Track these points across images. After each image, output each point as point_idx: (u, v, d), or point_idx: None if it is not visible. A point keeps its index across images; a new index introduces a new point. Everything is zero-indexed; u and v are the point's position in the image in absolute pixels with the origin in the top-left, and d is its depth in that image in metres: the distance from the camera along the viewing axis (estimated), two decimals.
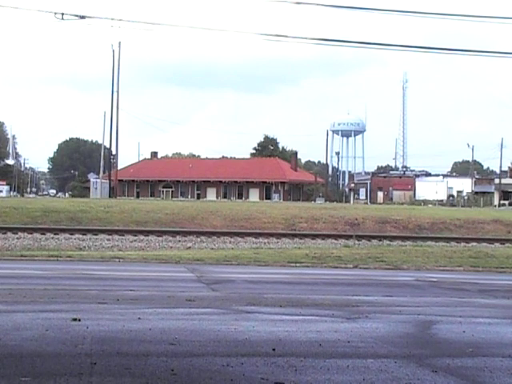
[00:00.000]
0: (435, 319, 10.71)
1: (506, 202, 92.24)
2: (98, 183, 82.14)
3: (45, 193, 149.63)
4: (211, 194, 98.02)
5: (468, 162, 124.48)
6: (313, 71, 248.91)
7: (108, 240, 30.10)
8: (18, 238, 29.63)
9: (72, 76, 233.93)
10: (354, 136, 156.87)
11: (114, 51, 75.49)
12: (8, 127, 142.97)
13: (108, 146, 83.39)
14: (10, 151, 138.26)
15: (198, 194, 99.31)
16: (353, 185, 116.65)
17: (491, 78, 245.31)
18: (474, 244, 32.14)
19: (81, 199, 59.59)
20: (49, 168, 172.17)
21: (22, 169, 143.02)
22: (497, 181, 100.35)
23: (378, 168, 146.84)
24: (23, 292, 12.79)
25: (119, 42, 75.73)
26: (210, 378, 6.62)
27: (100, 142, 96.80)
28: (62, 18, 20.66)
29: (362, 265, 21.98)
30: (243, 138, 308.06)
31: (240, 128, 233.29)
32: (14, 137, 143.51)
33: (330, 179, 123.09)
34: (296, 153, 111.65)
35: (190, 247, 29.39)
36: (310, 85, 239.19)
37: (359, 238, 32.53)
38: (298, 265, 21.74)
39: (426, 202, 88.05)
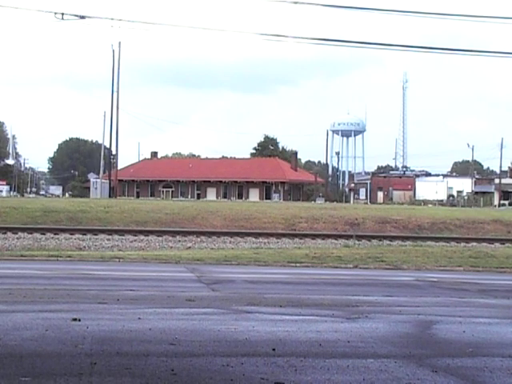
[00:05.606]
0: (435, 319, 10.70)
1: (506, 202, 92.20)
2: (98, 183, 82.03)
3: (42, 192, 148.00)
4: (211, 194, 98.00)
5: (468, 161, 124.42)
6: (312, 71, 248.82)
7: (108, 240, 30.10)
8: (18, 238, 29.63)
9: (72, 76, 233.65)
10: (354, 136, 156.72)
11: (113, 51, 75.41)
12: (8, 127, 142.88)
13: (108, 146, 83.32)
14: (10, 151, 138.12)
15: (198, 194, 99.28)
16: (353, 185, 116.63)
17: (491, 78, 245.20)
18: (474, 244, 32.12)
19: (81, 199, 59.56)
20: (49, 168, 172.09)
21: (22, 169, 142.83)
22: (497, 181, 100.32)
23: (378, 168, 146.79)
24: (23, 292, 12.79)
25: (119, 42, 75.64)
26: (210, 377, 6.62)
27: (100, 142, 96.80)
28: (62, 18, 20.65)
29: (362, 265, 21.98)
30: (243, 138, 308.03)
31: (240, 128, 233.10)
32: (14, 137, 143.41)
33: (330, 179, 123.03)
34: (296, 153, 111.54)
35: (190, 247, 29.38)
36: (309, 85, 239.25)
37: (359, 238, 32.52)
38: (298, 265, 21.74)
39: (426, 202, 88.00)
